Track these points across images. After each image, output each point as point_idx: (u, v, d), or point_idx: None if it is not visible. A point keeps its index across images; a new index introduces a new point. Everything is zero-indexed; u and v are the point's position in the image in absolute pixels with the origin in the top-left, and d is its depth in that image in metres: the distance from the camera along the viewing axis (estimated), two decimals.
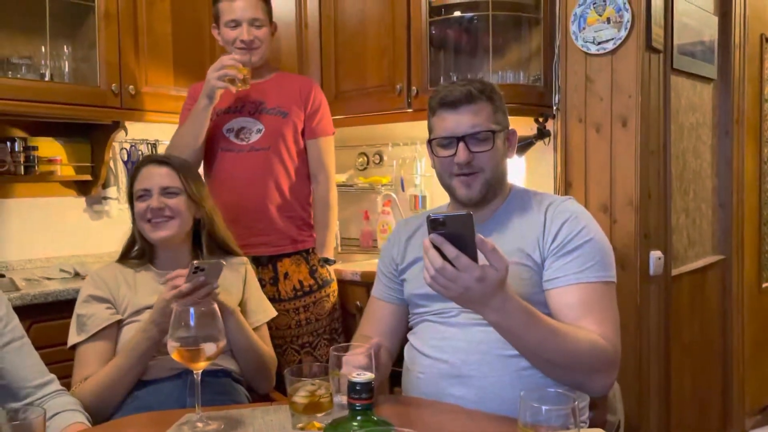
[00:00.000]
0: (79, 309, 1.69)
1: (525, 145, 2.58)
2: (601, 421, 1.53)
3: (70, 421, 1.38)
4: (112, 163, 2.92)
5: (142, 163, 1.83)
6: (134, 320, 1.67)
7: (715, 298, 2.99)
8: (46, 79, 2.57)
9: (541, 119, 2.61)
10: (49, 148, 2.78)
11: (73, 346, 1.66)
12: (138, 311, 1.68)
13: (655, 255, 2.33)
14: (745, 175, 3.14)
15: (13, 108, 2.43)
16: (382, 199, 3.11)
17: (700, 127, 2.83)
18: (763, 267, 3.44)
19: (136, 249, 1.83)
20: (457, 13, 2.69)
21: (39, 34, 2.55)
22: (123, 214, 2.87)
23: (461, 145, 1.44)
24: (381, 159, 3.26)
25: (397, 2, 2.72)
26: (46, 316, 2.23)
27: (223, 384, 1.66)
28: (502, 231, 1.49)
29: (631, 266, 2.27)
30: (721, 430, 3.07)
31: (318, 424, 1.13)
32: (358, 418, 0.94)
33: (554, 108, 2.53)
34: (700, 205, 2.85)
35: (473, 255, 1.15)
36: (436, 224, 1.15)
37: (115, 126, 2.79)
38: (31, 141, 2.69)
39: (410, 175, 3.10)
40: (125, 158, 2.97)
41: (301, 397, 1.14)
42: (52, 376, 1.47)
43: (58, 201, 2.87)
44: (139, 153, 2.98)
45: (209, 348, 1.27)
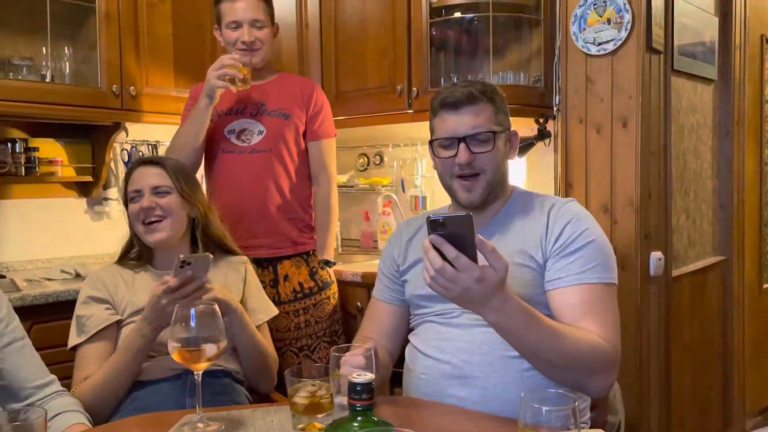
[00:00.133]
0: (78, 310, 1.70)
1: (525, 146, 2.59)
2: (601, 422, 1.53)
3: (71, 422, 1.39)
4: (112, 164, 2.93)
5: (134, 165, 1.83)
6: (133, 321, 1.67)
7: (716, 298, 2.99)
8: (47, 80, 2.57)
9: (541, 120, 2.62)
10: (49, 149, 2.78)
11: (73, 348, 1.67)
12: (137, 312, 1.68)
13: (656, 256, 2.33)
14: (746, 175, 3.14)
15: (14, 109, 2.44)
16: (382, 200, 3.11)
17: (700, 128, 2.83)
18: (763, 268, 3.43)
19: (135, 250, 1.83)
20: (458, 14, 2.69)
21: (40, 36, 2.56)
22: (124, 215, 2.85)
23: (462, 146, 1.45)
24: (381, 160, 3.26)
25: (398, 3, 2.72)
26: (47, 317, 2.23)
27: (223, 384, 1.66)
28: (504, 233, 1.49)
29: (631, 267, 2.27)
30: (722, 431, 3.07)
31: (318, 425, 1.13)
32: (359, 418, 0.95)
33: (555, 109, 2.54)
34: (700, 205, 2.85)
35: (473, 256, 1.15)
36: (436, 225, 1.15)
37: (116, 127, 2.79)
38: (32, 142, 2.69)
39: (411, 176, 3.10)
40: (126, 159, 2.97)
41: (301, 398, 1.14)
42: (53, 377, 1.47)
43: (59, 202, 2.87)
44: (140, 154, 2.98)
45: (210, 348, 1.27)
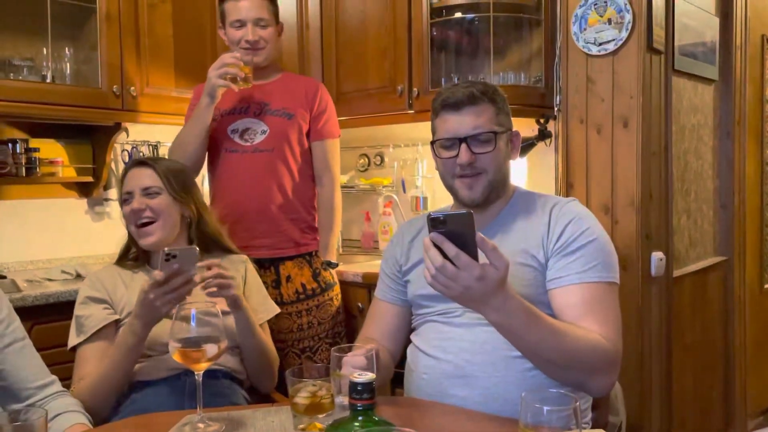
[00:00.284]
0: (77, 311, 1.70)
1: (526, 146, 2.59)
2: (603, 422, 1.53)
3: (71, 422, 1.39)
4: (113, 165, 2.93)
5: (127, 166, 1.83)
6: None
7: (717, 299, 2.98)
8: (48, 80, 2.57)
9: (542, 120, 2.61)
10: (50, 149, 2.78)
11: (73, 348, 1.67)
12: None
13: (657, 256, 2.33)
14: (747, 176, 3.13)
15: (15, 109, 2.44)
16: (383, 201, 3.10)
17: (701, 128, 2.83)
18: (764, 268, 3.43)
19: (134, 251, 1.83)
20: (458, 15, 2.69)
21: (40, 36, 2.56)
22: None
23: (463, 146, 1.45)
24: (382, 160, 3.25)
25: (398, 3, 2.72)
26: (48, 318, 2.23)
27: (222, 386, 1.66)
28: (506, 232, 1.49)
29: (632, 267, 2.26)
30: None
31: (319, 425, 1.12)
32: (360, 418, 0.94)
33: (555, 109, 2.53)
34: (701, 206, 2.85)
35: (474, 254, 1.15)
36: (437, 223, 1.15)
37: (117, 127, 2.79)
38: (33, 142, 2.69)
39: (411, 177, 3.10)
40: (126, 160, 2.97)
41: (302, 398, 1.14)
42: (54, 378, 1.47)
43: (60, 202, 2.87)
44: (141, 154, 2.98)
45: (211, 349, 1.27)
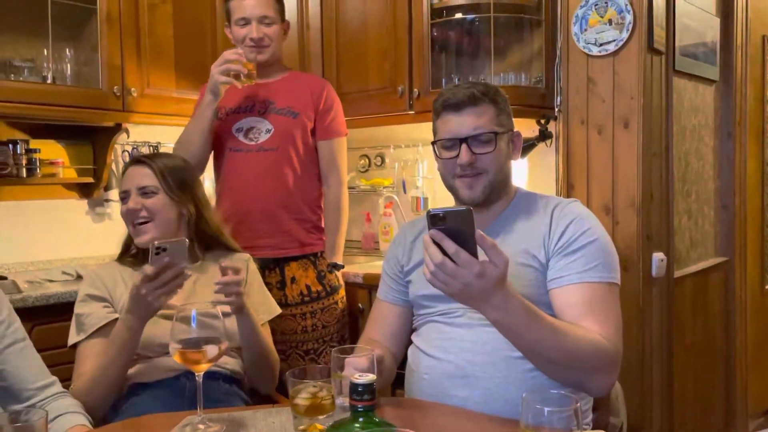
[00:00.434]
0: (77, 309, 1.69)
1: (527, 147, 2.58)
2: (604, 423, 1.53)
3: (72, 423, 1.38)
4: (113, 166, 2.93)
5: (126, 165, 1.82)
6: None
7: (718, 300, 2.98)
8: (48, 81, 2.57)
9: (542, 121, 2.61)
10: (51, 150, 2.78)
11: (73, 346, 1.67)
12: None
13: (658, 257, 2.32)
14: (748, 176, 3.13)
15: (15, 110, 2.44)
16: (383, 201, 3.10)
17: (702, 129, 2.83)
18: (765, 269, 3.43)
19: (134, 248, 1.82)
20: (459, 15, 2.69)
21: (41, 37, 2.56)
22: None
23: (464, 146, 1.45)
24: (383, 161, 3.25)
25: (399, 4, 2.72)
26: (48, 319, 2.23)
27: (220, 389, 1.65)
28: (507, 233, 1.49)
29: (633, 268, 2.26)
30: None
31: (320, 426, 1.12)
32: (360, 419, 0.94)
33: (556, 110, 2.53)
34: (702, 206, 2.85)
35: (473, 251, 1.15)
36: (436, 220, 1.14)
37: (117, 128, 2.80)
38: (33, 143, 2.69)
39: (412, 177, 3.10)
40: (127, 160, 2.97)
41: (303, 399, 1.13)
42: (54, 378, 1.46)
43: (60, 203, 2.88)
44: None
45: (211, 350, 1.27)
